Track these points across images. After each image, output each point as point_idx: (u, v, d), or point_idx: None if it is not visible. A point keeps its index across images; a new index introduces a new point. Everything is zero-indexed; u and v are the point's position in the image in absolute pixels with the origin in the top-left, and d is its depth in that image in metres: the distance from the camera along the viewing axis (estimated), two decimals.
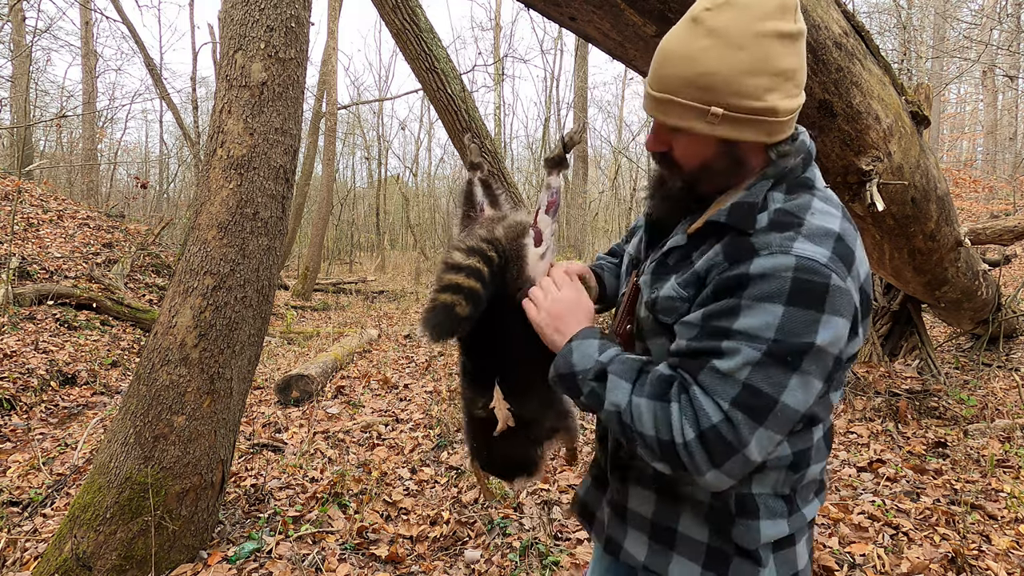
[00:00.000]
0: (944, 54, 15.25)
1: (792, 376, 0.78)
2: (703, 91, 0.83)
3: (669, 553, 0.98)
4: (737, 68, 0.82)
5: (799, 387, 0.79)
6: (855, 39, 2.12)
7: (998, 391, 5.10)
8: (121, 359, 6.04)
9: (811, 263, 0.79)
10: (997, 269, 5.96)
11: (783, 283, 0.78)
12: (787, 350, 0.78)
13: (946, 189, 3.17)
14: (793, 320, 0.77)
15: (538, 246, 1.18)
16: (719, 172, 0.91)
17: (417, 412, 4.74)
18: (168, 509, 2.42)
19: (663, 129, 0.92)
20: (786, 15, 0.82)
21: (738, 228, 0.87)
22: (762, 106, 0.83)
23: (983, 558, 2.53)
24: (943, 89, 17.68)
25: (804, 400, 0.80)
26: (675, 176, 0.96)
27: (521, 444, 1.21)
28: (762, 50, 0.81)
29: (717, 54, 0.82)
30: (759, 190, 0.89)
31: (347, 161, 28.75)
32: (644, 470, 1.02)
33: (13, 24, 14.09)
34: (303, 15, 2.64)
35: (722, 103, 0.83)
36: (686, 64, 0.84)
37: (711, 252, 0.88)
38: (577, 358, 0.95)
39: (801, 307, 0.77)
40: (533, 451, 1.23)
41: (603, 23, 1.71)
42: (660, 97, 0.87)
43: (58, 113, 16.96)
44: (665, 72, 0.86)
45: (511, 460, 1.24)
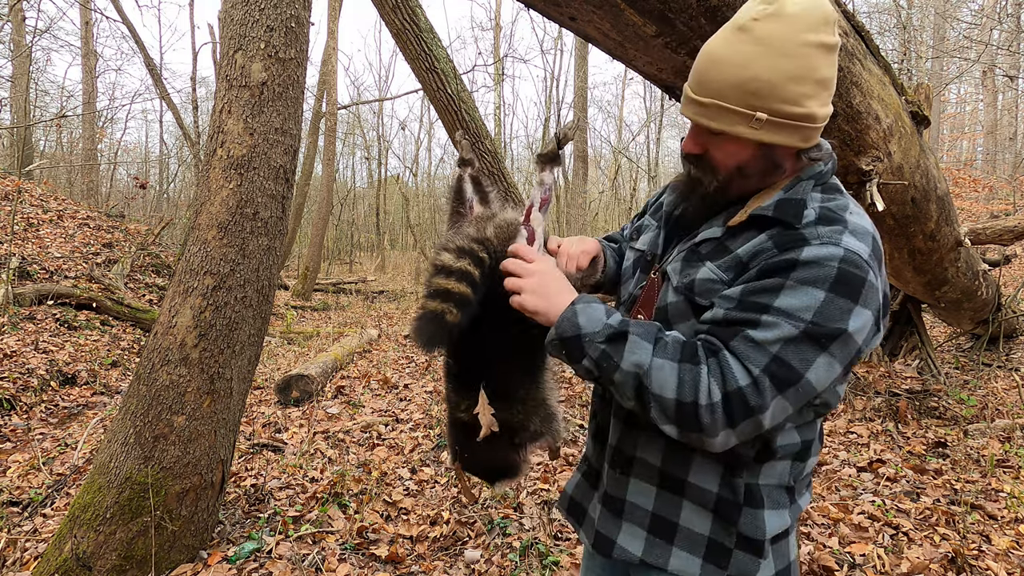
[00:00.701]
0: (944, 54, 15.26)
1: (820, 355, 0.83)
2: (750, 96, 0.87)
3: (668, 547, 0.99)
4: (783, 75, 0.86)
5: (824, 367, 0.84)
6: (855, 39, 2.12)
7: (998, 391, 5.10)
8: (121, 359, 6.04)
9: (856, 257, 0.85)
10: (997, 269, 5.96)
11: (829, 271, 0.84)
12: (821, 332, 0.83)
13: (946, 189, 3.17)
14: (832, 306, 0.83)
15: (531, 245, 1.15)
16: (753, 174, 0.95)
17: (417, 412, 4.74)
18: (168, 509, 2.42)
19: (703, 132, 0.95)
20: (828, 27, 0.87)
21: (786, 221, 0.91)
22: (802, 112, 0.88)
23: (983, 558, 2.53)
24: (943, 89, 17.68)
25: (825, 380, 0.85)
26: (710, 178, 0.98)
27: (504, 448, 1.19)
28: (806, 59, 0.86)
29: (765, 62, 0.85)
30: (803, 189, 0.94)
31: (347, 161, 28.75)
32: (650, 463, 1.02)
33: (13, 24, 14.09)
34: (303, 15, 2.64)
35: (767, 108, 0.87)
36: (735, 70, 0.87)
37: (756, 240, 0.92)
38: (584, 320, 0.94)
39: (841, 295, 0.83)
40: (516, 455, 1.21)
41: (603, 23, 1.71)
42: (706, 102, 0.90)
43: (58, 113, 16.96)
44: (712, 77, 0.89)
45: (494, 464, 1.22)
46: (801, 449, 0.98)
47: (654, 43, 1.73)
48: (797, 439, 0.97)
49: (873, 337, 0.89)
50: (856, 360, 0.89)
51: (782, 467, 0.97)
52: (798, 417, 0.96)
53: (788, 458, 0.97)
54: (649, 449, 1.01)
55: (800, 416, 0.96)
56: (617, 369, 0.89)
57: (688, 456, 0.98)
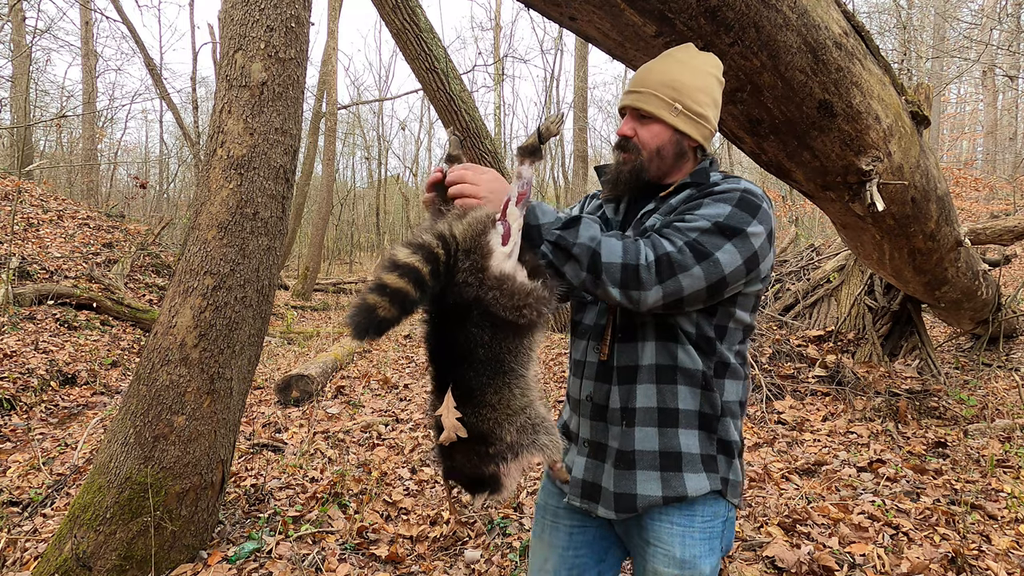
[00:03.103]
0: (944, 54, 15.25)
1: (727, 243, 1.13)
2: (672, 91, 1.24)
3: (680, 475, 1.20)
4: (693, 84, 1.25)
5: (729, 253, 1.13)
6: (855, 39, 2.12)
7: (998, 391, 5.11)
8: (121, 359, 6.04)
9: (753, 191, 1.19)
10: (997, 269, 5.96)
11: (735, 195, 1.17)
12: (727, 227, 1.14)
13: (946, 189, 3.17)
14: (736, 215, 1.15)
15: (505, 244, 1.12)
16: (668, 157, 1.28)
17: (417, 412, 4.74)
18: (168, 509, 2.42)
19: (635, 118, 1.28)
20: (720, 70, 1.32)
21: (700, 183, 1.26)
22: (703, 113, 1.26)
23: (983, 558, 2.53)
24: (943, 89, 17.68)
25: (729, 264, 1.13)
26: (636, 155, 1.28)
27: (481, 457, 1.14)
28: (707, 81, 1.27)
29: (684, 73, 1.26)
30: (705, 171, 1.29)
31: (347, 161, 28.77)
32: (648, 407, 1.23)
33: (13, 24, 14.09)
34: (303, 15, 2.64)
35: (681, 101, 1.24)
36: (663, 74, 1.26)
37: (683, 195, 1.25)
38: (540, 213, 1.17)
39: (742, 210, 1.16)
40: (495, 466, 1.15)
41: (603, 23, 1.71)
42: (642, 91, 1.26)
43: (58, 113, 16.97)
44: (647, 78, 1.27)
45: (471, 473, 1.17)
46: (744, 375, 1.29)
47: (654, 43, 1.73)
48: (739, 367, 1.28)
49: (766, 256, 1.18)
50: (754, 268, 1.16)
51: (732, 386, 1.25)
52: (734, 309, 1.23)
53: (737, 379, 1.27)
54: (644, 396, 1.23)
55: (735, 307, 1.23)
56: (575, 244, 1.12)
57: (674, 388, 1.22)
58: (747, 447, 3.93)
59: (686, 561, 1.18)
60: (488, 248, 1.10)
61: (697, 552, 1.19)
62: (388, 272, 1.04)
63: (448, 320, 1.13)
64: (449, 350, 1.14)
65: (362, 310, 1.01)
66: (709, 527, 1.21)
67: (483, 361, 1.12)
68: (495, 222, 1.13)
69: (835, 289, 5.89)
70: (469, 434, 1.11)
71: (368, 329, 1.01)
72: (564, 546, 1.33)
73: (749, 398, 4.65)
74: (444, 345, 1.16)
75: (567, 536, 1.33)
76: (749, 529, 2.83)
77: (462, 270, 1.09)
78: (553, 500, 1.37)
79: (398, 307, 1.02)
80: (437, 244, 1.07)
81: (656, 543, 1.20)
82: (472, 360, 1.12)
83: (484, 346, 1.11)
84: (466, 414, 1.11)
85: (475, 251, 1.10)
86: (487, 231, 1.11)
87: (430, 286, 1.06)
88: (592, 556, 1.33)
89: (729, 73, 1.86)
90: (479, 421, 1.12)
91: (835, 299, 5.86)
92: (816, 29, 1.89)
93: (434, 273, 1.06)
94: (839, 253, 6.16)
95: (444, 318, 1.13)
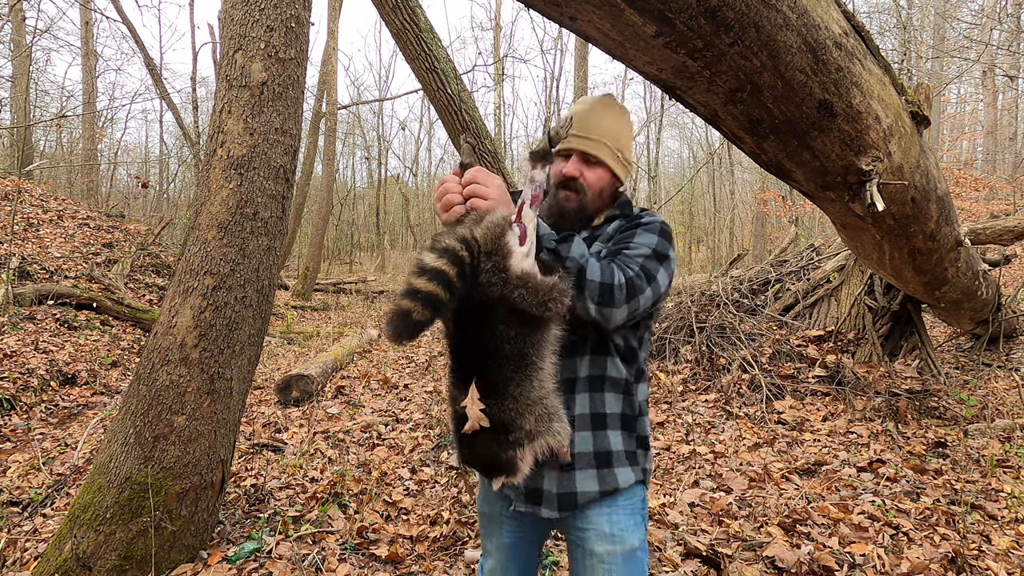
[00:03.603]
0: (944, 54, 15.25)
1: (660, 267, 1.33)
2: (616, 140, 1.46)
3: (612, 470, 1.38)
4: (628, 136, 1.50)
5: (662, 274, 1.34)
6: (855, 39, 2.12)
7: (998, 391, 5.11)
8: (121, 359, 6.04)
9: (667, 224, 1.43)
10: (997, 269, 5.96)
11: (657, 226, 1.39)
12: (660, 254, 1.35)
13: (946, 189, 3.17)
14: (662, 243, 1.36)
15: (523, 245, 1.19)
16: (606, 196, 1.48)
17: (417, 412, 4.74)
18: (168, 509, 2.42)
19: (582, 162, 1.45)
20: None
21: (627, 214, 1.49)
22: (630, 159, 1.52)
23: (983, 558, 2.53)
24: (943, 89, 17.67)
25: (663, 284, 1.34)
26: (582, 194, 1.45)
27: (500, 445, 1.22)
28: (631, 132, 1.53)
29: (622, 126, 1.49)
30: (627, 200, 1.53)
31: (347, 161, 28.75)
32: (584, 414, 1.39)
33: (13, 24, 14.09)
34: (303, 15, 2.64)
35: (620, 149, 1.47)
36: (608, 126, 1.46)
37: (612, 226, 1.46)
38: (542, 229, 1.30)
39: (664, 238, 1.38)
40: (512, 453, 1.23)
41: (603, 23, 1.70)
42: (593, 139, 1.44)
43: (58, 113, 16.96)
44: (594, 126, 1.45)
45: (489, 459, 1.25)
46: (647, 375, 1.50)
47: (654, 43, 1.73)
48: (645, 370, 1.48)
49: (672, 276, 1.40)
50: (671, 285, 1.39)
51: (643, 388, 1.46)
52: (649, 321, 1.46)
53: (644, 381, 1.47)
54: (580, 405, 1.39)
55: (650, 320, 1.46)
56: (567, 258, 1.25)
57: (603, 396, 1.39)
58: (747, 447, 3.92)
59: (616, 536, 1.36)
60: (508, 248, 1.18)
61: (625, 527, 1.37)
62: (418, 277, 1.11)
63: (473, 319, 1.19)
64: (474, 347, 1.21)
65: (398, 315, 1.09)
66: (631, 506, 1.40)
67: (508, 356, 1.19)
68: (511, 224, 1.20)
69: (835, 289, 5.89)
70: (491, 423, 1.18)
71: (405, 333, 1.09)
72: (509, 545, 1.50)
73: (749, 398, 4.66)
74: (469, 342, 1.22)
75: (511, 536, 1.50)
76: (749, 529, 2.83)
77: (485, 271, 1.16)
78: (496, 507, 1.51)
79: (431, 310, 1.10)
80: (461, 247, 1.14)
81: (590, 527, 1.37)
82: (497, 355, 1.19)
83: (510, 342, 1.18)
84: (489, 405, 1.18)
85: (496, 252, 1.17)
86: (505, 232, 1.18)
87: (458, 288, 1.13)
88: (533, 547, 1.55)
89: (729, 73, 1.86)
90: (501, 412, 1.19)
91: (835, 299, 5.86)
92: (816, 29, 1.89)
93: (461, 275, 1.13)
94: (839, 253, 6.16)
95: (469, 317, 1.19)
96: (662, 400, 4.93)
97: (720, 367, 5.24)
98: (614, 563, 1.35)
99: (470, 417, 1.18)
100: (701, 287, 6.55)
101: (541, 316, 1.18)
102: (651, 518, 2.93)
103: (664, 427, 4.36)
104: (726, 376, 5.04)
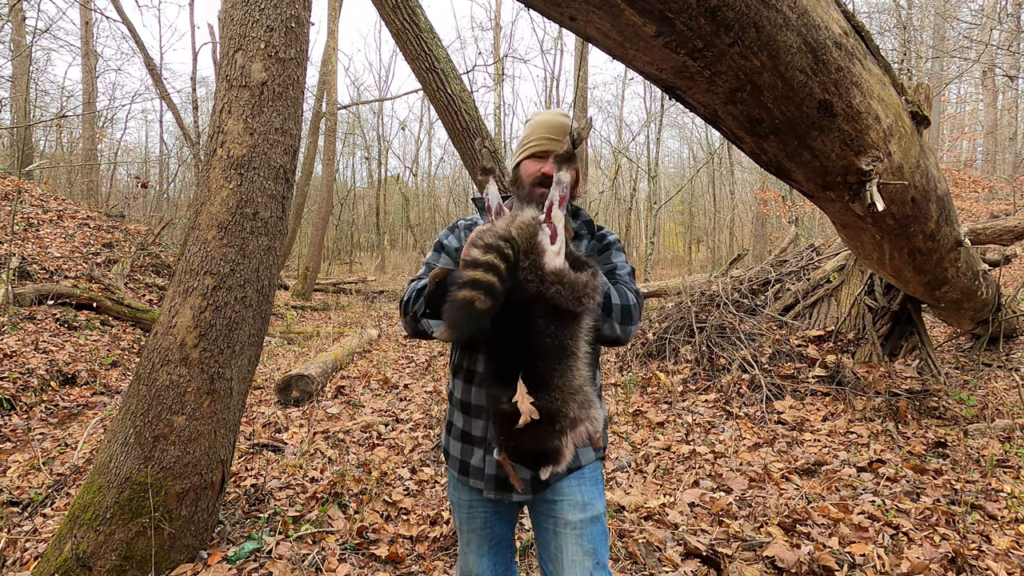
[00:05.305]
0: (944, 54, 15.25)
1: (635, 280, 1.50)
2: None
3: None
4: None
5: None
6: (855, 39, 2.11)
7: (998, 391, 5.11)
8: (121, 359, 6.04)
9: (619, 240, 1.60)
10: (997, 269, 5.96)
11: (620, 244, 1.59)
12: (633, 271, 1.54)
13: (946, 189, 3.17)
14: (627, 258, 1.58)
15: (554, 243, 1.25)
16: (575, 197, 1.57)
17: (417, 412, 4.74)
18: (168, 509, 2.42)
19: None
20: None
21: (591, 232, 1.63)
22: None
23: (983, 558, 2.53)
24: (943, 89, 17.67)
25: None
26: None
27: (546, 435, 1.26)
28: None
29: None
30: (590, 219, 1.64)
31: (347, 161, 28.75)
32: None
33: (13, 24, 14.09)
34: (303, 15, 2.64)
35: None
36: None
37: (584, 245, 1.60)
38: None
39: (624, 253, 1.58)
40: (558, 441, 1.28)
41: (603, 23, 1.70)
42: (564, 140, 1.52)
43: (58, 113, 16.96)
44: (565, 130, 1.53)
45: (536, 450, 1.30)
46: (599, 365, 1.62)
47: (654, 43, 1.73)
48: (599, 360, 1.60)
49: None
50: None
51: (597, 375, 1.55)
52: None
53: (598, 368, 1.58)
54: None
55: None
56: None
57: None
58: (747, 447, 3.93)
59: (587, 503, 1.50)
60: (541, 247, 1.25)
61: (593, 495, 1.52)
62: (472, 269, 1.16)
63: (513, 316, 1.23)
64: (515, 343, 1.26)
65: (461, 306, 1.15)
66: (595, 477, 1.55)
67: (550, 349, 1.25)
68: (541, 224, 1.26)
69: (835, 289, 5.89)
70: (540, 415, 1.23)
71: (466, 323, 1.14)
72: (482, 527, 1.60)
73: (749, 398, 4.66)
74: (509, 340, 1.26)
75: (483, 519, 1.60)
76: (749, 529, 2.83)
77: (524, 268, 1.23)
78: (466, 495, 1.60)
79: (491, 298, 1.15)
80: (505, 244, 1.20)
81: (563, 498, 1.50)
82: (540, 349, 1.24)
83: (551, 335, 1.24)
84: (538, 398, 1.23)
85: (531, 251, 1.24)
86: (537, 232, 1.25)
87: (508, 280, 1.19)
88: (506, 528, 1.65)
89: (729, 73, 1.86)
90: (549, 403, 1.24)
91: (835, 299, 5.86)
92: (816, 29, 1.88)
93: (509, 269, 1.19)
94: (839, 253, 6.15)
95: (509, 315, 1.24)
96: (662, 400, 4.93)
97: (720, 367, 5.24)
98: (585, 528, 1.49)
99: (522, 412, 1.21)
100: (701, 287, 6.55)
101: (577, 311, 1.24)
102: (651, 518, 2.94)
103: (664, 427, 4.36)
104: (726, 376, 5.04)
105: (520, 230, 1.25)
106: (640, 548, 2.64)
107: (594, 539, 1.49)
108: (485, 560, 1.63)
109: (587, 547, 1.47)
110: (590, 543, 1.48)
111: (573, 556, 1.47)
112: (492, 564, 1.64)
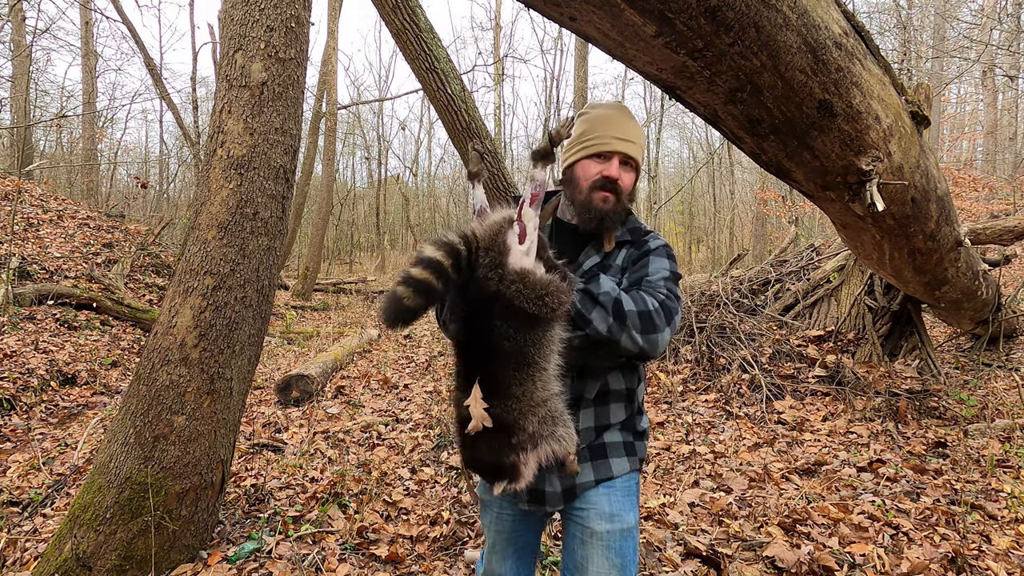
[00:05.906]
0: (944, 54, 15.24)
1: (676, 286, 1.42)
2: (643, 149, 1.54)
3: (607, 461, 1.48)
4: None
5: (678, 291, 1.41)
6: (855, 39, 2.12)
7: (998, 391, 5.11)
8: (121, 359, 6.04)
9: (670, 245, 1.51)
10: (997, 269, 5.96)
11: (665, 250, 1.47)
12: (675, 275, 1.44)
13: (946, 189, 3.17)
14: (674, 265, 1.46)
15: (522, 243, 1.21)
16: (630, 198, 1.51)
17: (417, 412, 4.74)
18: (168, 509, 2.42)
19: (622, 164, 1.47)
20: None
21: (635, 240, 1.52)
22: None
23: (983, 558, 2.53)
24: (943, 89, 17.67)
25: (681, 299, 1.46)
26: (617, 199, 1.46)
27: (501, 447, 1.21)
28: None
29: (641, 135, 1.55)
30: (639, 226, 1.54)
31: (347, 161, 28.74)
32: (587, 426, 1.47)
33: (13, 24, 14.08)
34: (303, 15, 2.64)
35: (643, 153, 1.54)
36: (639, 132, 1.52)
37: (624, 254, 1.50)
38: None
39: (672, 260, 1.46)
40: (514, 456, 1.22)
41: (603, 23, 1.70)
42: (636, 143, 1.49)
43: (58, 113, 16.96)
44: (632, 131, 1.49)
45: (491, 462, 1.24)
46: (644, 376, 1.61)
47: (654, 43, 1.73)
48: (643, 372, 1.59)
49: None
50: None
51: (641, 389, 1.55)
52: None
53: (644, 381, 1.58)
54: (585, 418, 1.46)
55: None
56: (600, 293, 1.30)
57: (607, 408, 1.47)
58: (747, 447, 3.93)
59: (615, 515, 1.45)
60: (506, 245, 1.21)
61: (623, 507, 1.47)
62: (414, 266, 1.15)
63: (476, 316, 1.22)
64: (477, 344, 1.23)
65: (391, 300, 1.13)
66: (628, 488, 1.50)
67: (509, 354, 1.20)
68: (512, 222, 1.23)
69: (835, 289, 5.89)
70: (494, 424, 1.19)
71: (396, 318, 1.13)
72: (510, 530, 1.58)
73: (749, 398, 4.66)
74: (473, 340, 1.24)
75: (511, 522, 1.58)
76: (749, 529, 2.83)
77: (483, 265, 1.20)
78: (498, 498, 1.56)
79: (423, 297, 1.13)
80: (460, 241, 1.18)
81: (591, 507, 1.46)
82: (498, 353, 1.20)
83: (509, 339, 1.20)
84: (493, 405, 1.19)
85: (493, 248, 1.21)
86: (504, 230, 1.22)
87: (452, 278, 1.16)
88: (533, 533, 1.63)
89: (729, 73, 1.86)
90: (504, 412, 1.20)
91: (835, 299, 5.86)
92: (816, 29, 1.88)
93: (456, 267, 1.16)
94: (839, 253, 6.15)
95: (472, 314, 1.22)
96: (662, 400, 4.93)
97: (720, 367, 5.24)
98: (612, 540, 1.44)
99: (473, 417, 1.18)
100: (701, 287, 6.55)
101: (537, 313, 1.18)
102: (651, 518, 2.93)
103: (664, 427, 4.36)
104: (726, 376, 5.04)
105: (487, 227, 1.22)
106: (640, 548, 2.64)
107: (623, 554, 1.44)
108: (508, 563, 1.60)
109: (615, 561, 1.43)
110: (619, 557, 1.43)
111: (599, 569, 1.43)
112: (515, 568, 1.61)
